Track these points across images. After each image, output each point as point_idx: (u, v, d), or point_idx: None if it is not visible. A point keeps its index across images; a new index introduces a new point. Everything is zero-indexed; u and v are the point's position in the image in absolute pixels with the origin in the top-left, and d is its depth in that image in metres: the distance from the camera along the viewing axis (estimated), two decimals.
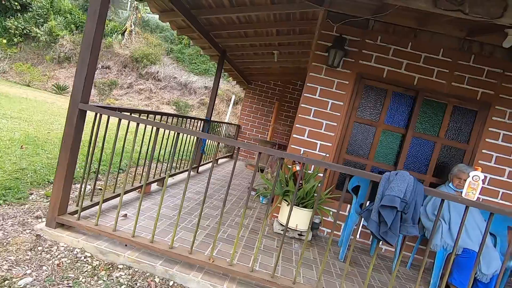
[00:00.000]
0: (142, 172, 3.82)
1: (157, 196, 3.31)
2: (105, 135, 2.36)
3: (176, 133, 2.15)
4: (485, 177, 3.18)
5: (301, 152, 3.38)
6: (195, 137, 5.04)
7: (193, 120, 4.86)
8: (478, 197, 2.22)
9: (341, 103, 3.31)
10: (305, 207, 3.00)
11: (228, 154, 7.61)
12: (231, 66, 6.23)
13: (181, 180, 4.28)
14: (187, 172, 2.87)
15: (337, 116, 3.33)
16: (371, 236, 3.37)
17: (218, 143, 2.07)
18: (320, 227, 3.35)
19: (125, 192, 2.87)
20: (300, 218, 2.98)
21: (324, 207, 3.10)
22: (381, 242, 1.86)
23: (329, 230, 3.42)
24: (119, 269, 1.95)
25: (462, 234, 2.40)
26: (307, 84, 3.37)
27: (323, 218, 3.35)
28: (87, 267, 1.91)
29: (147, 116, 3.11)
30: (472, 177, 1.80)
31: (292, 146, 3.41)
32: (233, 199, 4.05)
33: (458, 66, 3.19)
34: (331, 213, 3.20)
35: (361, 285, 2.43)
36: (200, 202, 3.49)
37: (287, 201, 3.04)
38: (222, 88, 15.00)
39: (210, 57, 5.85)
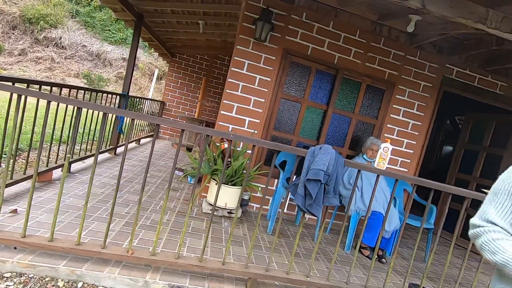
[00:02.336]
0: (48, 156, 3.17)
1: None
2: None
3: (76, 108, 1.76)
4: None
5: (229, 129, 3.27)
6: (113, 115, 4.44)
7: (107, 95, 4.23)
8: (386, 167, 2.50)
9: (269, 79, 3.28)
10: (234, 185, 2.94)
11: (151, 133, 7.02)
12: (151, 35, 5.58)
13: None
14: (99, 155, 2.41)
15: (264, 92, 3.29)
16: (297, 207, 3.57)
17: (133, 121, 1.78)
18: (249, 203, 3.38)
19: (14, 182, 2.32)
20: (229, 196, 2.93)
21: (253, 183, 3.11)
22: (305, 213, 1.94)
23: (258, 205, 3.48)
24: (5, 279, 1.57)
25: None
26: (234, 57, 3.22)
27: (252, 194, 3.38)
28: None
29: (51, 90, 2.53)
30: (383, 149, 1.99)
31: (220, 123, 3.27)
32: (158, 181, 3.74)
33: (371, 48, 3.47)
34: (259, 188, 3.24)
35: (288, 254, 2.55)
36: (115, 189, 3.10)
37: (215, 180, 2.94)
38: (143, 61, 13.58)
39: (125, 22, 5.10)
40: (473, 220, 1.00)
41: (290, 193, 2.00)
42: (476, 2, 2.20)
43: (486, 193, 2.11)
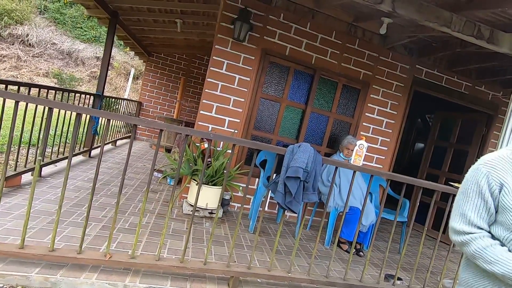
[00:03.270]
0: (16, 160, 3.00)
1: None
2: None
3: (48, 108, 1.69)
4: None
5: (209, 129, 3.26)
6: (87, 116, 4.27)
7: (80, 96, 4.07)
8: (362, 163, 2.60)
9: (248, 79, 3.30)
10: (214, 185, 2.94)
11: (128, 135, 6.82)
12: (127, 33, 5.42)
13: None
14: (73, 157, 2.30)
15: (244, 91, 3.31)
16: (277, 206, 3.62)
17: (109, 122, 1.73)
18: (230, 202, 3.38)
19: None
20: (210, 197, 2.92)
21: (233, 183, 3.12)
22: (285, 210, 1.98)
23: (240, 205, 3.49)
24: None
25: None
26: (213, 57, 3.21)
27: (233, 193, 3.39)
28: None
29: (18, 89, 2.40)
30: (358, 145, 2.07)
31: (199, 123, 3.24)
32: (136, 183, 3.65)
33: (346, 49, 3.58)
34: (240, 188, 3.25)
35: (270, 252, 2.58)
36: (91, 192, 3.00)
37: (196, 181, 2.91)
38: (118, 60, 13.14)
39: (98, 20, 4.93)
40: (456, 226, 0.96)
41: (270, 191, 2.03)
42: (441, 7, 2.34)
43: (453, 187, 2.25)
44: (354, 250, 2.94)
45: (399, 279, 2.28)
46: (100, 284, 1.67)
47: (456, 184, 2.33)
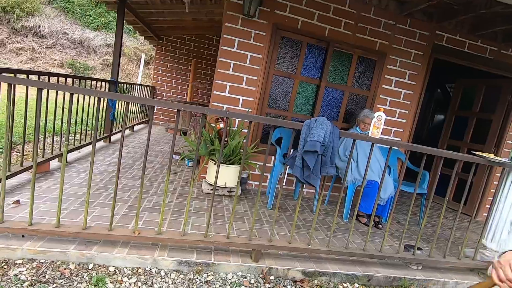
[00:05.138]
0: (44, 147, 3.15)
1: (60, 174, 2.80)
2: None
3: (69, 94, 1.74)
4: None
5: (224, 109, 3.27)
6: (104, 103, 4.38)
7: (96, 83, 4.15)
8: (380, 136, 2.55)
9: (260, 56, 3.25)
10: (232, 164, 2.99)
11: (145, 120, 6.95)
12: (135, 18, 5.39)
13: (90, 153, 3.72)
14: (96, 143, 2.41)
15: (256, 69, 3.27)
16: (295, 182, 3.66)
17: (128, 105, 1.77)
18: (248, 181, 3.44)
19: (13, 174, 2.32)
20: (228, 176, 2.98)
21: (250, 161, 3.16)
22: (304, 186, 2.00)
23: (257, 183, 3.55)
24: (17, 265, 1.61)
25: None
26: (224, 35, 3.16)
27: (250, 172, 3.44)
28: None
29: (38, 78, 2.48)
30: (376, 117, 2.03)
31: (214, 103, 3.26)
32: (156, 166, 3.77)
33: (361, 18, 3.42)
34: (257, 166, 3.29)
35: (289, 227, 2.64)
36: (116, 174, 3.13)
37: (214, 160, 2.97)
38: (129, 46, 13.15)
39: (107, 5, 4.90)
40: None
41: (288, 167, 2.05)
42: None
43: (477, 156, 2.19)
44: (373, 222, 2.96)
45: (419, 249, 2.29)
46: (131, 258, 1.79)
47: (479, 153, 2.26)
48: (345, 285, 2.06)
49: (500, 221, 2.33)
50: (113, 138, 4.64)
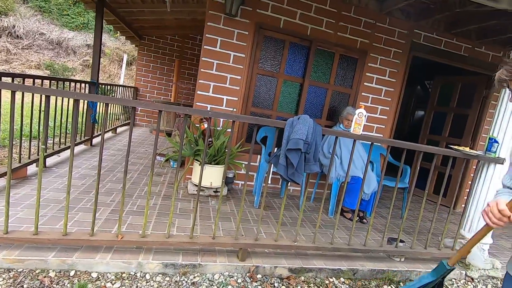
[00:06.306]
0: (20, 152, 3.02)
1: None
2: None
3: (45, 96, 1.68)
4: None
5: (208, 109, 3.24)
6: (84, 105, 4.25)
7: (75, 84, 4.02)
8: (361, 133, 2.61)
9: (243, 55, 3.24)
10: (217, 164, 2.97)
11: (128, 122, 6.80)
12: (115, 17, 5.26)
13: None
14: (75, 147, 2.32)
15: (240, 69, 3.26)
16: (281, 180, 3.68)
17: (107, 107, 1.72)
18: (234, 180, 3.43)
19: None
20: (213, 176, 2.96)
21: (236, 161, 3.15)
22: (289, 183, 2.02)
23: (243, 182, 3.54)
24: None
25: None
26: (206, 35, 3.14)
27: (236, 171, 3.44)
28: None
29: (12, 81, 2.38)
30: (357, 114, 2.07)
31: (197, 103, 3.23)
32: (140, 168, 3.70)
33: (342, 17, 3.48)
34: (243, 165, 3.29)
35: (275, 224, 2.66)
36: (96, 177, 3.05)
37: (199, 161, 2.95)
38: (110, 47, 12.84)
39: (85, 4, 4.76)
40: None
41: (272, 165, 2.06)
42: None
43: (453, 149, 2.27)
44: (357, 217, 3.03)
45: (401, 241, 2.36)
46: (115, 263, 1.75)
47: (456, 147, 2.35)
48: (331, 280, 2.10)
49: (477, 211, 2.43)
50: (94, 141, 4.52)
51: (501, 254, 2.86)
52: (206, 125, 2.97)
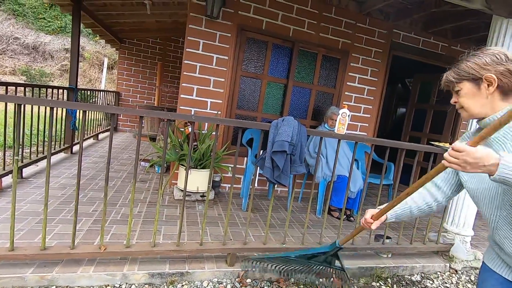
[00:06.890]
0: None
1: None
2: None
3: (17, 105, 1.60)
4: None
5: (192, 113, 3.20)
6: (63, 112, 4.10)
7: (52, 91, 3.88)
8: (346, 132, 2.64)
9: (226, 57, 3.22)
10: (203, 168, 2.93)
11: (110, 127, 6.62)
12: (93, 20, 5.11)
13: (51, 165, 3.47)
14: (53, 156, 2.25)
15: (223, 71, 3.24)
16: (268, 182, 3.67)
17: (85, 114, 1.66)
18: (221, 184, 3.40)
19: None
20: (200, 180, 2.92)
21: (222, 164, 3.12)
22: (276, 185, 2.01)
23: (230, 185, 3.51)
24: None
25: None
26: (188, 38, 3.09)
27: (223, 175, 3.40)
28: None
29: None
30: (341, 114, 2.08)
31: (181, 107, 3.18)
32: (124, 175, 3.60)
33: (323, 18, 3.52)
34: (230, 168, 3.26)
35: (264, 227, 2.65)
36: (76, 187, 2.94)
37: (184, 166, 2.89)
38: (89, 51, 12.49)
39: (61, 7, 4.59)
40: None
41: (259, 167, 2.04)
42: None
43: (434, 146, 2.33)
44: (345, 216, 3.06)
45: (388, 237, 2.40)
46: (99, 276, 1.68)
47: (436, 143, 2.41)
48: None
49: (458, 205, 2.50)
50: (75, 148, 4.37)
51: (483, 245, 2.96)
52: (190, 129, 2.92)
